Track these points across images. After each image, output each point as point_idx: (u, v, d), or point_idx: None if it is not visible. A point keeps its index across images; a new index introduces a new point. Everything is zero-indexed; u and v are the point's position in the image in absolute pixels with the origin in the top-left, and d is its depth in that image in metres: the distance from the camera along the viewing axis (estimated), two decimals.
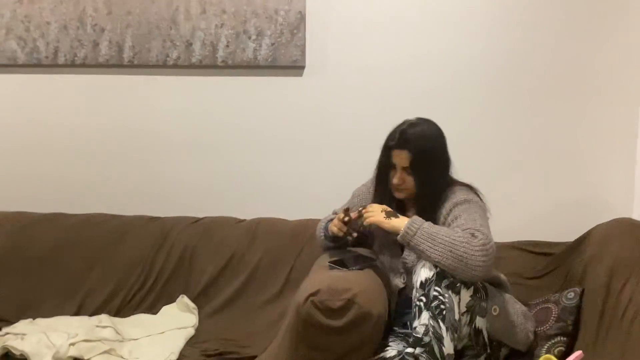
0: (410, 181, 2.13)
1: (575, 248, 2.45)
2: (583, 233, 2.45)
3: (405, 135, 2.12)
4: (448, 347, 1.90)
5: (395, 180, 2.14)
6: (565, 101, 2.69)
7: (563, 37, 2.66)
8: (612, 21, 2.61)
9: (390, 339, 2.12)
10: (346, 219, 2.18)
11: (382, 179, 2.21)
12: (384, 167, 2.19)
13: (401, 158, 2.12)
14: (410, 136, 2.11)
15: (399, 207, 2.21)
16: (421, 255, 1.98)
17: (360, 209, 2.17)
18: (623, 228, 2.30)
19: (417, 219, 2.03)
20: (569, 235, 2.54)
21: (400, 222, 2.04)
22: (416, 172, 2.11)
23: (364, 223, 2.14)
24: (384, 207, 2.13)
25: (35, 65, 2.94)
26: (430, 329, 1.89)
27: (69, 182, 3.02)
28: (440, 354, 1.88)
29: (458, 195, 2.10)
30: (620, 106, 2.63)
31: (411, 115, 2.27)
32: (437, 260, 1.92)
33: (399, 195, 2.18)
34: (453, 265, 1.90)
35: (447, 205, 2.09)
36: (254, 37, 2.81)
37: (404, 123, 2.17)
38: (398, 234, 2.03)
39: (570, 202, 2.72)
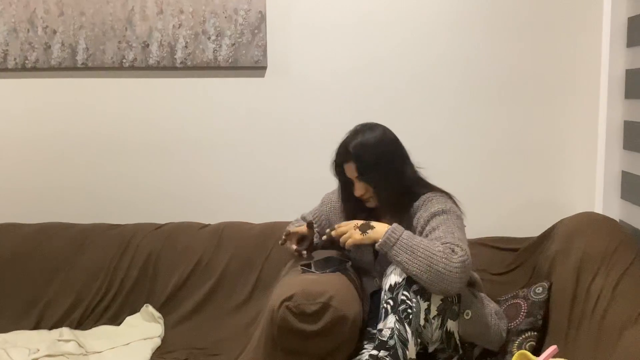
0: (368, 189, 2.13)
1: (540, 243, 2.48)
2: (548, 228, 2.49)
3: (347, 147, 2.13)
4: (411, 352, 1.90)
5: (357, 193, 2.14)
6: (529, 101, 2.72)
7: (526, 38, 2.69)
8: (573, 22, 2.66)
9: (365, 342, 2.10)
10: (303, 251, 2.22)
11: (347, 197, 2.21)
12: (344, 184, 2.20)
13: (350, 170, 2.13)
14: (351, 147, 2.12)
15: (372, 215, 2.19)
16: (398, 266, 1.95)
17: (328, 231, 2.13)
18: (587, 222, 2.32)
19: (397, 227, 1.99)
20: (533, 230, 2.57)
21: (378, 232, 2.00)
22: (366, 179, 2.11)
23: (345, 247, 2.09)
24: (355, 222, 2.07)
25: None
26: (396, 332, 1.89)
27: (21, 190, 2.91)
28: (403, 358, 1.88)
29: (435, 204, 2.09)
30: (581, 105, 2.68)
31: (375, 115, 2.29)
32: (414, 273, 1.90)
33: (370, 205, 2.17)
34: (430, 279, 1.89)
35: (425, 215, 2.07)
36: (213, 37, 2.75)
37: (346, 135, 2.18)
38: (377, 243, 2.00)
39: (534, 199, 2.76)
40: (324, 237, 2.16)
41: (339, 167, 2.17)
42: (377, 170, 2.11)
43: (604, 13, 2.52)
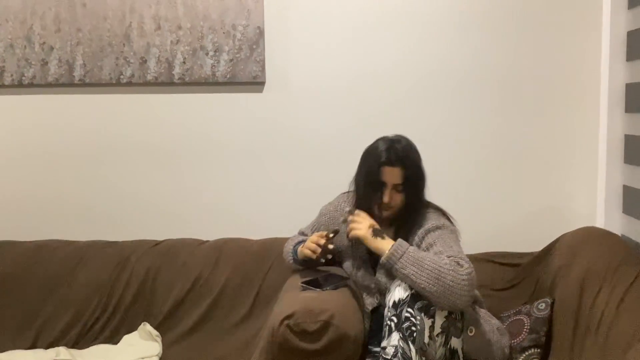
0: (398, 199, 2.10)
1: (542, 258, 2.46)
2: (549, 243, 2.46)
3: (395, 152, 2.08)
4: None
5: (386, 199, 2.09)
6: (529, 115, 2.70)
7: (526, 51, 2.68)
8: (573, 36, 2.65)
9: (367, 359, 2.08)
10: (322, 242, 2.11)
11: (369, 197, 2.13)
12: (373, 185, 2.10)
13: (393, 175, 2.07)
14: (401, 152, 2.08)
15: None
16: (405, 280, 1.92)
17: (347, 213, 2.12)
18: (590, 237, 2.31)
19: (402, 242, 1.98)
20: (534, 245, 2.55)
21: (385, 244, 1.99)
22: (407, 188, 2.09)
23: (349, 236, 2.09)
24: (373, 223, 2.07)
25: None
26: (400, 350, 1.86)
27: (18, 207, 2.88)
28: None
29: (429, 221, 2.09)
30: (582, 119, 2.67)
31: (374, 130, 2.25)
32: (422, 286, 1.88)
33: (385, 214, 2.13)
34: (438, 292, 1.86)
35: (420, 232, 2.06)
36: (211, 53, 2.74)
37: (384, 140, 2.13)
38: (380, 255, 1.98)
39: (535, 213, 2.74)
40: (342, 219, 2.15)
41: (377, 168, 2.09)
42: (417, 181, 2.11)
43: (603, 27, 2.53)
